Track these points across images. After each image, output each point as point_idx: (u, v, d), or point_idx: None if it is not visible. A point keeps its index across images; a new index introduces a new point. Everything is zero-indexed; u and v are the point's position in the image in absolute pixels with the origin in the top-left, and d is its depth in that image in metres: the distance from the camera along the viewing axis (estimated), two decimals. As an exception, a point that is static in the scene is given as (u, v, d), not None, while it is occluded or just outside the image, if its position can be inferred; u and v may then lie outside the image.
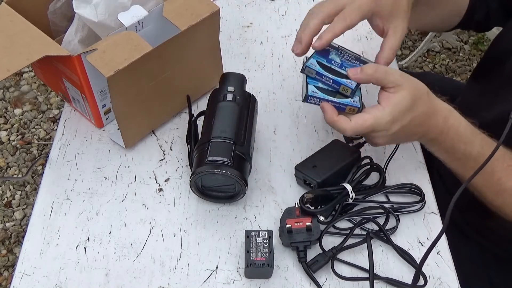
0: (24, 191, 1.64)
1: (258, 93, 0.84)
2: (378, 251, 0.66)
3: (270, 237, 0.62)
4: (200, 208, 0.70)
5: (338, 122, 0.62)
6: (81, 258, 0.64)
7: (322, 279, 0.63)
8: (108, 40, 0.66)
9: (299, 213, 0.65)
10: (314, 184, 0.68)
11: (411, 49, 2.07)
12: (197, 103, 0.82)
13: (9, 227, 1.55)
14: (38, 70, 0.81)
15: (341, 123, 0.62)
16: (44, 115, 1.83)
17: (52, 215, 0.68)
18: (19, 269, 0.63)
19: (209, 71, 0.80)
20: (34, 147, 1.74)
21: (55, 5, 0.73)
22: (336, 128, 0.63)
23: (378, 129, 0.62)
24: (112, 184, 0.72)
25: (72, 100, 0.77)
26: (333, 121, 0.63)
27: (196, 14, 0.70)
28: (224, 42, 0.88)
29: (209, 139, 0.65)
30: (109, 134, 0.77)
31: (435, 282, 0.64)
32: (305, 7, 0.99)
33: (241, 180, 0.64)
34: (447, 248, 0.67)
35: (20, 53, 0.63)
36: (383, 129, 0.62)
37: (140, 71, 0.66)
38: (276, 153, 0.76)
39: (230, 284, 0.63)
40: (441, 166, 0.89)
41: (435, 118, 0.65)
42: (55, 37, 0.75)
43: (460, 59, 2.05)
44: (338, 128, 0.63)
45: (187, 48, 0.72)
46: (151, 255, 0.65)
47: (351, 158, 0.70)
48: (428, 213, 0.70)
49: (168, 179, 0.73)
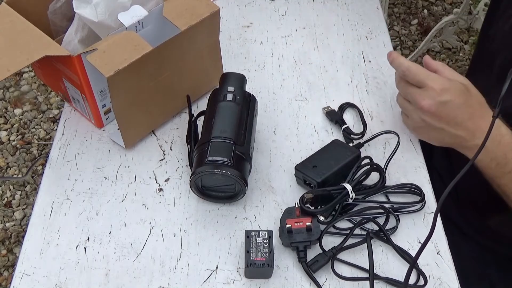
0: (24, 191, 1.64)
1: (258, 93, 0.84)
2: (378, 251, 0.66)
3: (270, 237, 0.62)
4: (200, 208, 0.70)
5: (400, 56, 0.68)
6: (81, 258, 0.64)
7: (322, 279, 0.63)
8: (108, 40, 0.66)
9: (299, 213, 0.65)
10: (314, 184, 0.68)
11: (411, 49, 2.07)
12: (197, 103, 0.82)
13: (9, 227, 1.55)
14: (38, 70, 0.81)
15: (401, 57, 0.67)
16: (44, 115, 1.83)
17: (52, 215, 0.68)
18: (19, 269, 0.63)
19: (209, 71, 0.80)
20: (34, 147, 1.74)
21: (55, 5, 0.73)
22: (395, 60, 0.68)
23: (430, 85, 0.63)
24: (112, 184, 0.72)
25: (72, 100, 0.77)
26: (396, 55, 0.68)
27: (196, 14, 0.70)
28: (224, 42, 0.88)
29: (209, 139, 0.65)
30: (109, 134, 0.77)
31: (435, 282, 0.64)
32: (305, 7, 0.99)
33: (241, 180, 0.64)
34: (447, 248, 0.67)
35: (20, 53, 0.63)
36: (434, 89, 0.63)
37: (140, 71, 0.66)
38: (276, 153, 0.76)
39: (230, 284, 0.63)
40: (441, 166, 0.90)
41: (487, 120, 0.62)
42: (55, 37, 0.75)
43: (460, 59, 2.06)
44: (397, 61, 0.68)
45: (187, 48, 0.72)
46: (151, 255, 0.65)
47: (351, 158, 0.70)
48: (428, 213, 0.70)
49: (168, 179, 0.73)
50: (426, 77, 0.65)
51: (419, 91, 0.66)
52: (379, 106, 0.82)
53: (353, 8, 0.99)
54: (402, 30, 2.19)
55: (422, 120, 0.67)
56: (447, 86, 0.64)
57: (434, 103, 0.64)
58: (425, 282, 0.62)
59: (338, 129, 0.79)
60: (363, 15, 0.98)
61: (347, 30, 0.95)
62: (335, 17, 0.98)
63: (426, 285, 0.62)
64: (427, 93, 0.64)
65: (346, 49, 0.91)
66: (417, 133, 0.73)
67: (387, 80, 0.86)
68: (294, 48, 0.92)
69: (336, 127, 0.79)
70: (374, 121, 0.80)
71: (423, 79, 0.65)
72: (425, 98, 0.64)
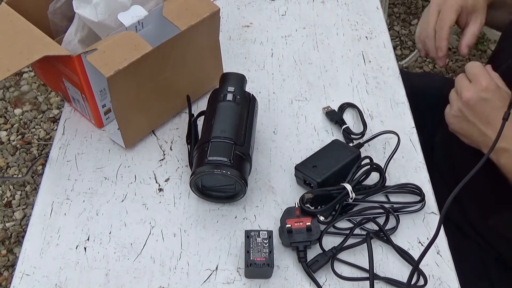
0: (24, 191, 1.64)
1: (258, 93, 0.84)
2: (378, 251, 0.66)
3: (270, 237, 0.62)
4: (200, 208, 0.70)
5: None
6: (81, 258, 0.64)
7: (322, 279, 0.63)
8: (108, 40, 0.66)
9: (299, 213, 0.65)
10: (314, 184, 0.68)
11: (411, 49, 2.07)
12: (197, 103, 0.82)
13: (9, 227, 1.55)
14: (38, 70, 0.81)
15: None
16: (44, 115, 1.83)
17: (52, 215, 0.68)
18: (19, 269, 0.63)
19: (209, 71, 0.80)
20: (34, 147, 1.74)
21: (55, 5, 0.73)
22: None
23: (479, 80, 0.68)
24: (112, 184, 0.72)
25: (72, 100, 0.77)
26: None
27: (196, 14, 0.70)
28: (224, 42, 0.88)
29: (209, 139, 0.65)
30: (109, 134, 0.77)
31: (435, 282, 0.64)
32: (305, 7, 0.99)
33: (241, 180, 0.64)
34: (447, 248, 0.67)
35: (20, 53, 0.63)
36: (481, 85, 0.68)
37: (140, 71, 0.66)
38: (276, 153, 0.76)
39: (230, 284, 0.63)
40: (442, 166, 0.90)
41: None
42: (55, 37, 0.75)
43: (460, 59, 2.06)
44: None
45: (187, 48, 0.72)
46: (151, 255, 0.65)
47: (351, 158, 0.70)
48: (428, 213, 0.70)
49: (168, 179, 0.73)
50: (480, 73, 0.69)
51: (467, 82, 0.70)
52: (379, 106, 0.82)
53: (353, 8, 0.99)
54: (402, 30, 2.19)
55: (460, 110, 0.71)
56: (493, 87, 0.68)
57: (475, 96, 0.68)
58: (425, 282, 0.62)
59: (338, 129, 0.79)
60: (363, 15, 0.98)
61: (347, 30, 0.95)
62: (335, 17, 0.98)
63: (426, 285, 0.62)
64: (473, 86, 0.69)
65: (346, 49, 0.91)
66: (452, 122, 0.74)
67: (387, 80, 0.86)
68: (294, 48, 0.92)
69: (336, 127, 0.79)
70: (374, 121, 0.80)
71: (477, 74, 0.70)
72: (470, 90, 0.69)
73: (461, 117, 0.71)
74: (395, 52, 1.08)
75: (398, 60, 1.80)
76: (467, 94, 0.69)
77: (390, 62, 0.90)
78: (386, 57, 0.90)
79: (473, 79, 0.70)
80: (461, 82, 0.71)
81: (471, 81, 0.71)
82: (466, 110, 0.70)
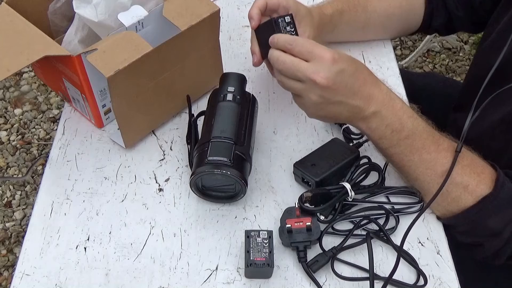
0: (24, 191, 1.64)
1: (258, 93, 0.84)
2: (378, 251, 0.66)
3: (270, 237, 0.62)
4: (200, 208, 0.70)
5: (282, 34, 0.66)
6: (81, 258, 0.64)
7: (322, 279, 0.63)
8: (108, 40, 0.66)
9: (299, 213, 0.65)
10: (312, 183, 0.68)
11: (411, 49, 2.07)
12: (197, 103, 0.82)
13: (9, 227, 1.55)
14: (38, 70, 0.81)
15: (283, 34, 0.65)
16: (44, 115, 1.83)
17: (52, 215, 0.68)
18: (19, 269, 0.63)
19: (209, 71, 0.80)
20: (34, 147, 1.74)
21: (55, 5, 0.73)
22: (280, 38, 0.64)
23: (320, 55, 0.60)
24: (112, 184, 0.72)
25: (72, 100, 0.77)
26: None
27: (196, 14, 0.70)
28: (224, 42, 0.88)
29: (209, 139, 0.65)
30: (109, 134, 0.77)
31: (435, 282, 0.64)
32: (305, 7, 0.99)
33: (241, 180, 0.64)
34: (447, 248, 0.67)
35: (20, 53, 0.63)
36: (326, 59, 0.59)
37: (140, 71, 0.66)
38: (276, 153, 0.76)
39: (230, 284, 0.63)
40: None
41: (378, 86, 0.63)
42: (55, 37, 0.75)
43: (460, 59, 2.05)
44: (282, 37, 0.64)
45: (187, 48, 0.72)
46: (151, 255, 0.65)
47: (350, 157, 0.70)
48: (428, 213, 0.70)
49: (168, 179, 0.73)
50: (315, 47, 0.61)
51: (309, 65, 0.61)
52: (379, 106, 0.82)
53: (353, 8, 0.99)
54: (402, 30, 2.19)
55: (320, 96, 0.62)
56: (336, 55, 0.60)
57: (330, 74, 0.60)
58: (425, 282, 0.62)
59: (338, 129, 0.79)
60: (363, 15, 0.98)
61: (347, 30, 0.95)
62: (335, 17, 0.97)
63: (426, 285, 0.62)
64: (320, 65, 0.60)
65: (346, 49, 0.91)
66: (314, 112, 0.66)
67: (387, 80, 0.86)
68: (294, 48, 0.91)
69: (336, 127, 0.79)
70: (374, 121, 0.80)
71: (311, 50, 0.61)
72: (320, 71, 0.60)
73: (325, 102, 0.63)
74: (395, 52, 1.08)
75: (398, 60, 1.80)
76: (320, 76, 0.60)
77: (390, 62, 0.89)
78: (386, 57, 0.90)
79: (311, 57, 0.61)
80: (303, 68, 0.61)
81: (310, 60, 0.61)
82: (327, 93, 0.61)
